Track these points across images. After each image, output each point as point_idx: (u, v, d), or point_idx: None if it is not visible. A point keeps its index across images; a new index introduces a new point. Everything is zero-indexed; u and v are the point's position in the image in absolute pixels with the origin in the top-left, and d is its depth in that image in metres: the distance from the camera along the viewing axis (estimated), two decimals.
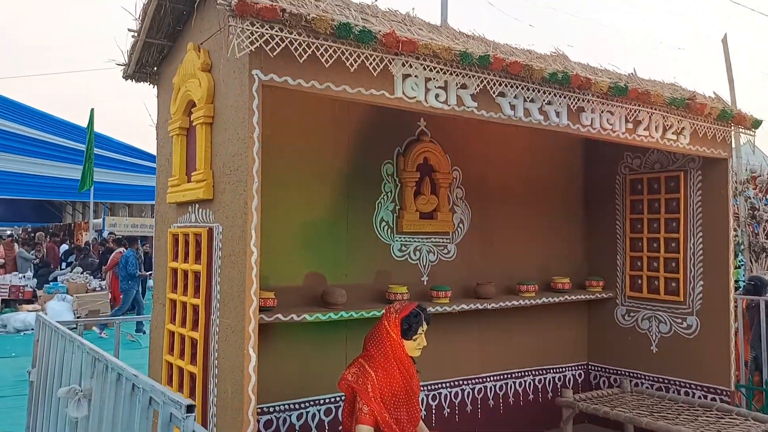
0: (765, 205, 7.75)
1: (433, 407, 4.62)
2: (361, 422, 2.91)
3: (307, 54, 2.66)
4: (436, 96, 3.11)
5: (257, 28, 2.52)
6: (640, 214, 5.08)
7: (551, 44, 5.42)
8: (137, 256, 11.10)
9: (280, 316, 3.63)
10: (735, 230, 6.90)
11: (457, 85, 3.15)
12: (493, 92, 3.22)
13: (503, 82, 3.24)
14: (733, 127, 4.32)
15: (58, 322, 3.27)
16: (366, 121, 4.34)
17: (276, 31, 2.57)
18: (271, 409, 3.91)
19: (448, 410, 4.70)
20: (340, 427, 3.94)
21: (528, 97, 3.37)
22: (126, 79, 3.69)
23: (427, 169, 4.58)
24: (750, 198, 6.94)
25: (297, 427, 4.00)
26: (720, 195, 4.56)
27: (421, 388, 3.37)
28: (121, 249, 13.22)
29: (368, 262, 4.34)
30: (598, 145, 5.34)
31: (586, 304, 5.44)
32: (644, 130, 3.93)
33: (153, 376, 3.35)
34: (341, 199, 4.23)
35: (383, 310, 3.24)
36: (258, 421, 3.81)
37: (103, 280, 13.13)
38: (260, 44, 2.52)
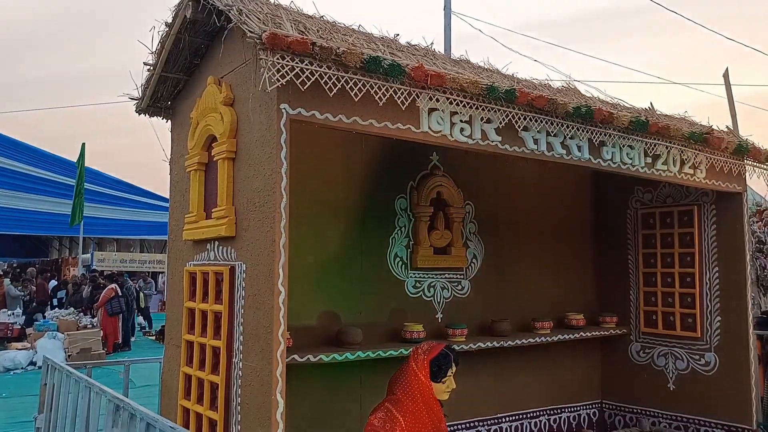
0: None
1: None
2: None
3: (337, 88, 2.60)
4: (461, 130, 3.06)
5: (287, 61, 2.46)
6: (653, 248, 5.03)
7: (557, 76, 5.42)
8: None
9: (296, 357, 3.50)
10: None
11: (482, 119, 3.10)
12: (518, 126, 3.17)
13: (527, 116, 3.20)
14: (747, 161, 4.31)
15: (67, 364, 3.12)
16: (378, 155, 4.29)
17: (306, 64, 2.51)
18: None
19: None
20: None
21: (551, 132, 3.33)
22: (139, 114, 3.61)
23: (441, 203, 4.51)
24: (756, 232, 6.95)
25: None
26: (736, 229, 4.53)
27: None
28: (113, 285, 12.99)
29: (383, 300, 4.24)
30: (608, 179, 5.33)
31: (600, 341, 5.34)
32: (662, 164, 3.90)
33: None
34: (355, 235, 4.14)
35: (409, 350, 3.12)
36: None
37: (94, 317, 12.85)
38: (291, 78, 2.46)
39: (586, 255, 5.38)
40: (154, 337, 14.47)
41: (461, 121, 3.06)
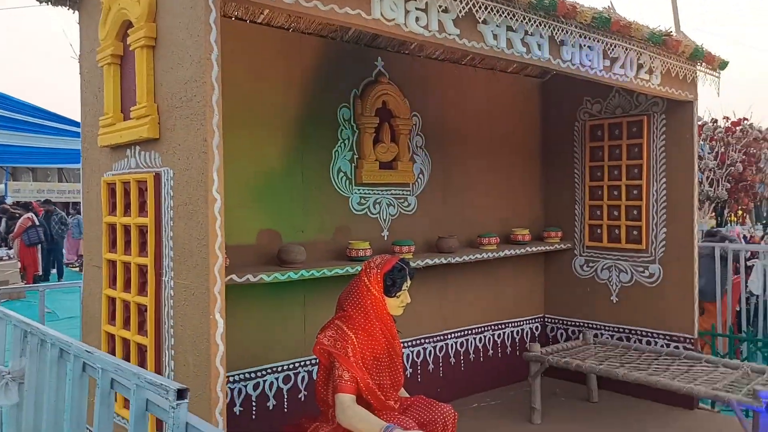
0: (708, 154, 7.91)
1: None
2: (341, 390, 2.57)
3: None
4: (417, 19, 2.73)
5: None
6: (601, 161, 4.93)
7: None
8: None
9: (234, 277, 3.22)
10: None
11: (440, 8, 2.77)
12: (478, 17, 2.86)
13: (488, 5, 2.89)
14: (700, 66, 4.18)
15: None
16: (319, 58, 3.91)
17: None
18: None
19: (411, 370, 4.44)
20: (301, 397, 3.62)
21: (512, 26, 3.05)
22: (41, 3, 3.07)
23: (386, 114, 4.20)
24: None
25: (254, 398, 3.63)
26: (685, 139, 4.45)
27: None
28: (29, 214, 12.17)
29: (326, 217, 3.96)
30: (556, 90, 5.15)
31: (544, 256, 5.30)
32: (620, 68, 3.71)
33: None
34: (295, 148, 3.80)
35: (356, 268, 2.88)
36: None
37: (11, 249, 12.04)
38: None
39: (534, 169, 5.25)
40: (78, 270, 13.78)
41: (417, 8, 2.73)
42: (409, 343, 4.44)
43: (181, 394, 1.18)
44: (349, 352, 2.61)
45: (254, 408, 3.63)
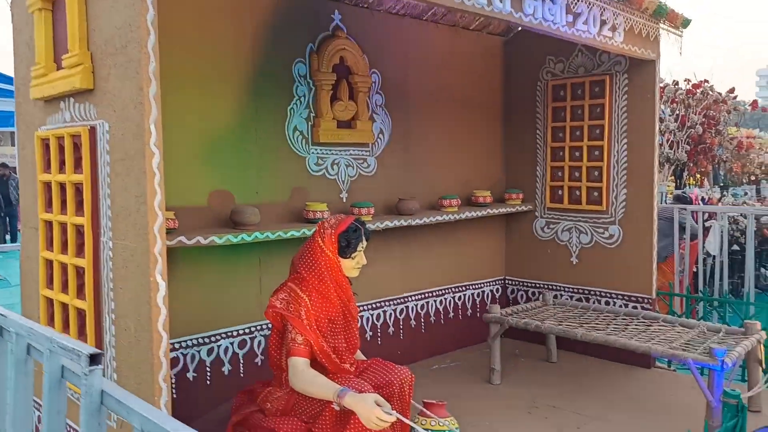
0: (669, 116, 7.94)
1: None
2: (294, 354, 2.48)
3: None
4: None
5: None
6: (563, 121, 4.87)
7: None
8: None
9: (183, 239, 3.09)
10: None
11: None
12: None
13: None
14: (663, 24, 4.12)
15: None
16: (273, 9, 3.72)
17: None
18: (177, 346, 3.40)
19: (370, 333, 4.39)
20: (259, 360, 3.54)
21: None
22: None
23: (344, 70, 4.05)
24: None
25: (208, 363, 3.53)
26: (646, 99, 4.41)
27: None
28: None
29: (282, 178, 3.82)
30: (519, 49, 5.04)
31: (505, 218, 5.26)
32: (583, 23, 3.61)
33: (29, 318, 2.72)
34: (247, 104, 3.63)
35: (315, 228, 2.78)
36: None
37: None
38: None
39: (495, 130, 5.17)
40: None
41: None
42: (369, 306, 4.38)
43: (94, 359, 1.07)
44: (302, 314, 2.52)
45: (208, 373, 3.53)
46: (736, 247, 6.70)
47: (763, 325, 3.70)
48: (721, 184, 10.40)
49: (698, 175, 9.52)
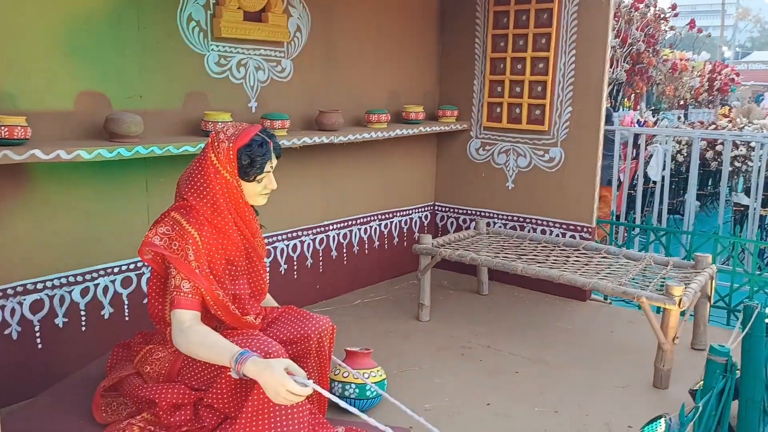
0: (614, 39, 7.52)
1: (267, 265, 3.73)
2: (179, 306, 1.90)
3: None
4: None
5: None
6: (505, 28, 4.31)
7: None
8: None
9: (37, 152, 2.39)
10: None
11: None
12: None
13: None
14: None
15: None
16: None
17: None
18: (40, 286, 2.74)
19: (285, 266, 3.85)
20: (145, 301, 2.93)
21: None
22: None
23: None
24: None
25: (82, 306, 2.89)
26: (600, 4, 3.91)
27: None
28: None
29: (173, 80, 3.10)
30: None
31: (437, 138, 4.75)
32: None
33: None
34: None
35: (208, 139, 2.13)
36: (20, 305, 2.66)
37: None
38: None
39: (430, 37, 4.55)
40: None
41: None
42: (284, 236, 3.81)
43: None
44: (189, 255, 1.92)
45: (84, 318, 2.90)
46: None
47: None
48: (653, 107, 10.28)
49: (632, 97, 9.31)
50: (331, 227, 4.10)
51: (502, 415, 2.72)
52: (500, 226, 4.47)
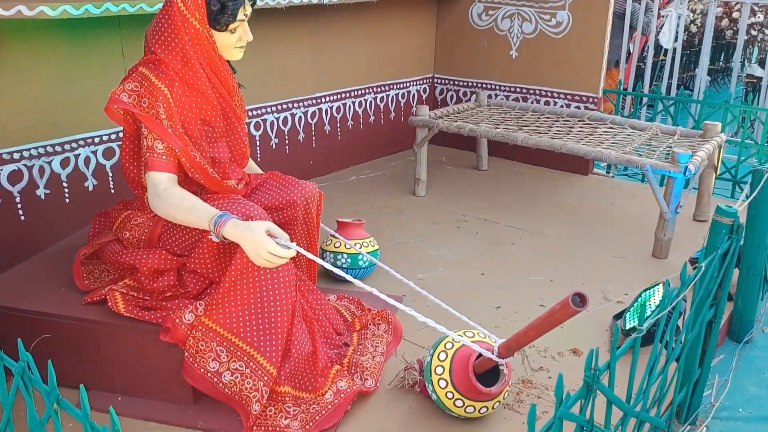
0: None
1: (257, 138, 3.59)
2: (153, 168, 1.78)
3: None
4: None
5: None
6: None
7: None
8: None
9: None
10: None
11: None
12: None
13: None
14: None
15: None
16: None
17: None
18: (17, 156, 2.61)
19: (276, 141, 3.71)
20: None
21: None
22: None
23: None
24: None
25: (64, 177, 2.78)
26: None
27: (247, 112, 2.26)
28: None
29: None
30: None
31: (437, 5, 4.43)
32: None
33: None
34: None
35: None
36: None
37: None
38: None
39: None
40: None
41: None
42: (273, 108, 3.64)
43: None
44: (160, 113, 1.77)
45: (66, 190, 2.80)
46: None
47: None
48: None
49: None
50: (323, 100, 3.91)
51: (496, 284, 2.69)
52: (502, 98, 4.27)
